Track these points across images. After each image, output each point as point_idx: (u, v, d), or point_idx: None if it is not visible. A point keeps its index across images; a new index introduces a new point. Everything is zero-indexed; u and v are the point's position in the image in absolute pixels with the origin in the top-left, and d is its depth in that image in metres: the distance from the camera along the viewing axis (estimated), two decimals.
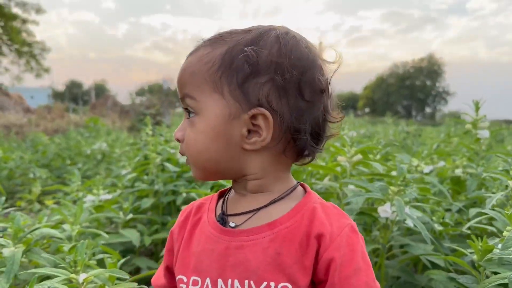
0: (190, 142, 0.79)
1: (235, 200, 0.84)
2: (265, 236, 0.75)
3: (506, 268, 1.09)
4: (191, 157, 0.81)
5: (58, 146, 6.49)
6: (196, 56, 0.78)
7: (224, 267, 0.76)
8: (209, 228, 0.81)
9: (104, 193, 2.47)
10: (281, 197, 0.80)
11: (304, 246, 0.74)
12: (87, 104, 30.21)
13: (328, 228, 0.74)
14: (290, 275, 0.73)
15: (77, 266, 1.13)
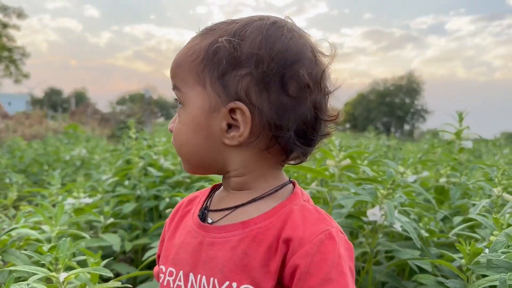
0: (175, 133, 0.80)
1: (220, 197, 0.83)
2: (236, 234, 0.73)
3: (495, 271, 1.09)
4: (176, 149, 0.82)
5: (35, 151, 6.34)
6: (186, 48, 0.79)
7: (196, 262, 0.76)
8: (190, 222, 0.82)
9: (85, 197, 2.41)
10: (262, 196, 0.77)
11: (273, 250, 0.70)
12: (66, 112, 29.73)
13: (299, 233, 0.69)
14: (254, 277, 0.70)
15: (58, 264, 1.08)
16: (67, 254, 1.12)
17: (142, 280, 2.17)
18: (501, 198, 1.56)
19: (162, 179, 2.70)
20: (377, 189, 1.41)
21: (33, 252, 1.17)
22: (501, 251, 1.01)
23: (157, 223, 2.29)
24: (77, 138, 9.17)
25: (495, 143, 7.76)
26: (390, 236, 1.74)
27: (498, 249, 1.08)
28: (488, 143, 9.01)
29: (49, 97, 66.10)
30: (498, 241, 1.10)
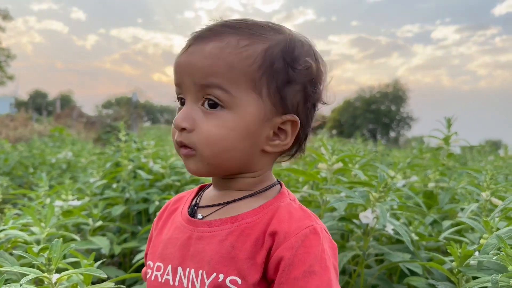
0: (212, 136, 0.74)
1: (211, 195, 0.86)
2: (225, 229, 0.76)
3: (485, 272, 1.11)
4: (207, 151, 0.75)
5: (20, 154, 6.25)
6: (227, 44, 0.74)
7: (185, 256, 0.78)
8: (179, 218, 0.84)
9: (73, 199, 2.38)
10: (253, 194, 0.81)
11: (260, 243, 0.73)
12: (51, 115, 29.37)
13: (284, 227, 0.73)
14: (241, 269, 0.72)
15: (51, 265, 1.07)
16: (60, 255, 1.10)
17: (130, 284, 2.15)
18: (489, 202, 1.59)
19: (151, 182, 2.68)
20: (369, 192, 1.42)
21: (25, 253, 1.15)
22: (492, 253, 1.03)
23: (146, 226, 2.27)
24: (63, 141, 9.07)
25: (480, 151, 7.89)
26: (380, 240, 1.75)
27: (489, 251, 1.10)
28: (473, 150, 9.16)
29: (34, 100, 65.22)
30: (489, 243, 1.12)
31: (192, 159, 0.77)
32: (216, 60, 0.73)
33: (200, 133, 0.74)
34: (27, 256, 1.11)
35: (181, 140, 0.76)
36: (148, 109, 65.35)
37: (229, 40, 0.74)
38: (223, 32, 0.76)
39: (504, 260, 0.97)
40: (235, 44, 0.74)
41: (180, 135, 0.76)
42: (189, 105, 0.76)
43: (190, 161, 0.77)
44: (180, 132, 0.76)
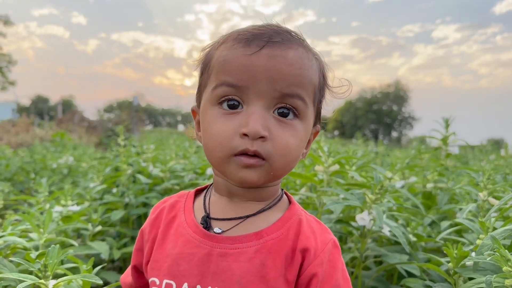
0: (290, 146, 0.73)
1: (220, 204, 0.81)
2: (251, 246, 0.74)
3: (481, 273, 1.11)
4: (280, 162, 0.72)
5: (22, 159, 6.27)
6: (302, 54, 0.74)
7: (204, 273, 0.74)
8: (189, 230, 0.79)
9: (72, 204, 2.38)
10: (269, 207, 0.80)
11: (289, 260, 0.73)
12: (53, 120, 29.44)
13: (313, 243, 0.75)
14: (274, 287, 0.71)
15: (47, 271, 1.07)
16: (56, 261, 1.11)
17: None
18: (487, 203, 1.59)
19: (151, 186, 2.68)
20: (365, 194, 1.42)
21: (21, 260, 1.16)
22: (487, 254, 1.03)
23: None
24: (64, 146, 9.09)
25: (481, 150, 7.88)
26: (379, 241, 1.75)
27: (484, 252, 1.10)
28: (474, 150, 9.14)
29: (35, 105, 65.40)
30: (484, 244, 1.12)
31: (257, 169, 0.72)
32: (303, 71, 0.73)
33: (278, 143, 0.71)
34: (24, 263, 1.11)
35: (257, 149, 0.70)
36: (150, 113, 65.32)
37: (300, 49, 0.74)
38: (291, 39, 0.74)
39: (499, 261, 0.97)
40: (306, 55, 0.75)
41: (256, 143, 0.70)
42: (259, 110, 0.71)
43: (254, 171, 0.72)
44: (255, 140, 0.70)
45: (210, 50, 0.80)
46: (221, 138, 0.71)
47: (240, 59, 0.71)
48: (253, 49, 0.71)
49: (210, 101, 0.75)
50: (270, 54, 0.70)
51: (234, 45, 0.73)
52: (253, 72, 0.70)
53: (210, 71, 0.77)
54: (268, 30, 0.73)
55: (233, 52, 0.72)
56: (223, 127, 0.72)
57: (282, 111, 0.72)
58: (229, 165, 0.72)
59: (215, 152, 0.73)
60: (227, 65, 0.72)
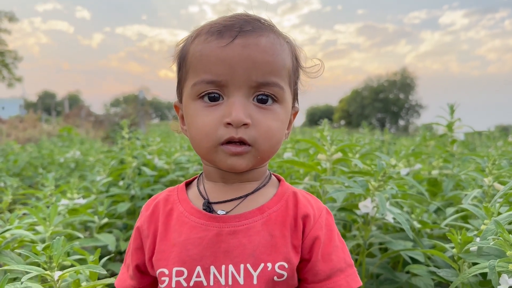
0: (272, 129, 0.77)
1: (217, 189, 0.84)
2: (257, 220, 0.79)
3: (485, 258, 1.11)
4: (265, 146, 0.76)
5: (30, 154, 6.32)
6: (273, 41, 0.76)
7: (216, 254, 0.77)
8: (192, 218, 0.81)
9: (78, 197, 2.40)
10: (263, 184, 0.85)
11: (293, 227, 0.79)
12: (60, 115, 29.61)
13: (311, 210, 0.82)
14: (285, 254, 0.77)
15: (52, 262, 1.08)
16: (61, 252, 1.12)
17: None
18: (492, 188, 1.58)
19: (156, 179, 2.70)
20: (368, 181, 1.42)
21: (27, 252, 1.17)
22: (490, 239, 1.02)
23: None
24: (71, 140, 9.14)
25: (489, 136, 7.81)
26: (384, 229, 1.75)
27: (488, 237, 1.09)
28: (482, 136, 9.06)
29: (42, 101, 65.81)
30: (488, 229, 1.11)
31: (244, 156, 0.76)
32: (275, 57, 0.76)
33: (261, 128, 0.75)
34: (30, 255, 1.13)
35: (242, 136, 0.73)
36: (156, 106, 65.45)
37: (271, 36, 0.77)
38: (261, 27, 0.77)
39: (502, 245, 0.97)
40: (278, 41, 0.78)
41: (240, 131, 0.73)
42: (240, 99, 0.74)
43: (242, 158, 0.76)
44: (239, 128, 0.73)
45: (185, 45, 0.82)
46: (206, 129, 0.75)
47: (216, 52, 0.73)
48: (226, 40, 0.73)
49: (191, 96, 0.78)
50: (243, 43, 0.73)
51: (207, 38, 0.75)
52: (229, 64, 0.73)
53: (188, 67, 0.79)
54: (238, 20, 0.76)
55: (208, 46, 0.75)
56: (207, 119, 0.75)
57: (261, 98, 0.76)
58: (217, 154, 0.76)
59: (202, 143, 0.77)
60: (204, 60, 0.75)
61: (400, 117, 77.41)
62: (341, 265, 0.82)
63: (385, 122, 77.44)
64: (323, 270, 0.80)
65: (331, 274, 0.80)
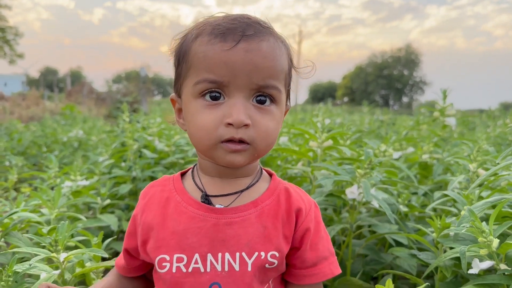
0: (270, 129, 0.81)
1: (214, 184, 0.90)
2: (252, 213, 0.85)
3: (461, 243, 1.18)
4: (263, 144, 0.81)
5: (33, 133, 6.40)
6: (273, 45, 0.80)
7: (213, 242, 0.83)
8: (190, 208, 0.87)
9: (82, 179, 2.48)
10: (257, 180, 0.92)
11: (285, 220, 0.87)
12: (62, 92, 29.63)
13: (302, 204, 0.89)
14: (277, 244, 0.85)
15: (57, 245, 1.17)
16: (66, 236, 1.20)
17: None
18: (476, 174, 1.64)
19: (156, 161, 2.77)
20: (358, 167, 1.49)
21: (33, 235, 1.26)
22: (463, 226, 1.09)
23: None
24: (74, 119, 9.22)
25: (489, 115, 7.82)
26: (374, 211, 1.82)
27: (465, 223, 1.17)
28: (483, 115, 9.06)
29: (44, 77, 65.60)
30: (464, 216, 1.18)
31: (243, 153, 0.80)
32: (275, 62, 0.80)
33: (259, 128, 0.79)
34: (36, 238, 1.21)
35: (242, 136, 0.77)
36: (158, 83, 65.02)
37: (271, 40, 0.80)
38: (262, 31, 0.80)
39: (474, 232, 1.04)
40: (277, 45, 0.82)
41: (240, 131, 0.77)
42: (241, 101, 0.78)
43: (240, 155, 0.80)
44: (239, 128, 0.77)
45: (185, 42, 0.84)
46: (207, 128, 0.78)
47: (219, 55, 0.76)
48: (230, 44, 0.76)
49: (193, 94, 0.81)
50: (246, 48, 0.76)
51: (211, 40, 0.78)
52: (232, 67, 0.76)
53: (189, 65, 0.82)
54: (240, 23, 0.78)
55: (212, 48, 0.77)
56: (208, 118, 0.78)
57: (260, 99, 0.80)
58: (217, 151, 0.80)
59: (203, 141, 0.80)
60: (207, 61, 0.78)
61: (404, 94, 76.93)
62: (325, 254, 0.91)
63: (389, 99, 77.00)
64: (310, 258, 0.89)
65: (317, 262, 0.90)
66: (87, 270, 1.22)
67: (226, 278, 0.82)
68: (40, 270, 1.15)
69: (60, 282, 1.20)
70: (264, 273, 0.85)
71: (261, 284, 0.86)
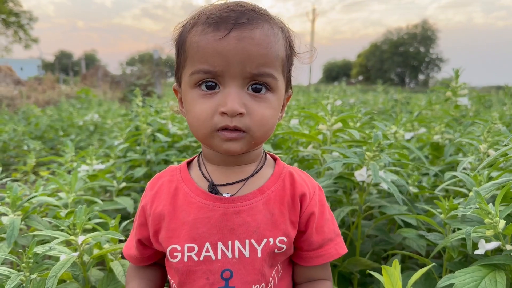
0: (266, 117, 0.81)
1: (219, 172, 0.92)
2: (258, 200, 0.88)
3: (468, 224, 1.20)
4: (259, 132, 0.81)
5: (50, 118, 6.52)
6: (268, 32, 0.79)
7: (223, 231, 0.86)
8: (198, 198, 0.89)
9: (98, 163, 2.54)
10: (261, 166, 0.94)
11: (290, 205, 0.89)
12: (77, 75, 29.85)
13: (306, 189, 0.91)
14: (284, 229, 0.88)
15: (76, 229, 1.22)
16: (84, 220, 1.25)
17: None
18: (487, 155, 1.64)
19: (170, 144, 2.81)
20: (368, 150, 1.50)
21: (52, 219, 1.31)
22: (469, 207, 1.10)
23: None
24: (90, 102, 9.32)
25: (506, 93, 7.68)
26: (384, 192, 1.84)
27: (472, 205, 1.18)
28: (499, 92, 8.89)
29: (59, 61, 66.10)
30: (471, 197, 1.20)
31: (239, 141, 0.80)
32: (269, 50, 0.78)
33: (254, 116, 0.79)
34: (57, 223, 1.26)
35: (237, 125, 0.78)
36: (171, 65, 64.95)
37: (266, 27, 0.80)
38: (256, 18, 0.79)
39: (480, 214, 1.05)
40: (272, 31, 0.80)
41: (235, 120, 0.78)
42: (235, 90, 0.78)
43: (236, 143, 0.81)
44: (234, 117, 0.78)
45: (183, 31, 0.85)
46: (203, 117, 0.80)
47: (212, 45, 0.77)
48: (222, 33, 0.76)
49: (189, 84, 0.82)
50: (238, 36, 0.76)
51: (204, 29, 0.78)
52: (225, 56, 0.76)
53: (186, 55, 0.83)
54: (234, 11, 0.78)
55: (205, 38, 0.78)
56: (204, 107, 0.80)
57: (255, 87, 0.80)
58: (214, 139, 0.81)
59: (200, 129, 0.82)
60: (200, 51, 0.78)
61: (420, 71, 75.66)
62: (331, 235, 0.94)
63: (405, 77, 75.85)
64: (316, 241, 0.92)
65: (323, 244, 0.93)
66: (104, 252, 1.27)
67: (237, 265, 0.85)
68: (59, 252, 1.21)
69: (79, 264, 1.26)
70: (273, 258, 0.89)
71: (271, 268, 0.89)
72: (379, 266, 1.44)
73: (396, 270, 0.80)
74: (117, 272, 1.24)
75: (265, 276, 0.87)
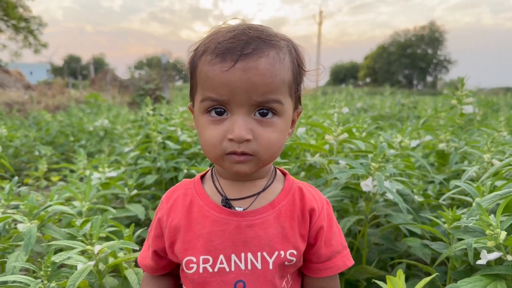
0: (272, 141, 0.84)
1: (232, 187, 0.96)
2: (270, 214, 0.93)
3: (470, 235, 1.23)
4: (266, 155, 0.85)
5: (60, 123, 6.60)
6: (273, 60, 0.82)
7: (236, 243, 0.91)
8: (212, 212, 0.93)
9: (109, 171, 2.60)
10: (272, 181, 0.98)
11: (300, 219, 0.94)
12: (86, 79, 30.14)
13: (315, 203, 0.96)
14: (294, 243, 0.93)
15: (92, 239, 1.27)
16: (99, 230, 1.30)
17: None
18: (490, 165, 1.67)
19: (179, 151, 2.87)
20: (373, 160, 1.54)
21: (68, 229, 1.37)
22: (471, 219, 1.14)
23: None
24: (99, 107, 9.43)
25: None
26: (390, 201, 1.87)
27: (474, 216, 1.21)
28: (507, 95, 8.86)
29: (68, 65, 66.65)
30: (473, 208, 1.23)
31: (247, 163, 0.85)
32: (274, 78, 0.81)
33: (261, 141, 0.83)
34: (73, 232, 1.32)
35: (244, 150, 0.82)
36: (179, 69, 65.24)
37: (272, 54, 0.83)
38: (262, 47, 0.82)
39: (482, 225, 1.09)
40: (278, 58, 0.83)
41: (242, 145, 0.82)
42: (242, 117, 0.82)
43: (245, 165, 0.85)
44: (241, 143, 0.82)
45: (195, 56, 0.89)
46: (213, 142, 0.84)
47: (219, 76, 0.81)
48: (228, 64, 0.80)
49: (200, 110, 0.87)
50: (244, 67, 0.79)
51: (212, 60, 0.82)
52: (231, 87, 0.80)
53: (196, 81, 0.88)
54: (239, 41, 0.81)
55: (212, 69, 0.82)
56: (213, 133, 0.84)
57: (262, 112, 0.83)
58: (224, 162, 0.86)
59: (210, 153, 0.87)
60: (209, 81, 0.83)
61: (428, 73, 75.28)
62: (338, 248, 0.99)
63: (412, 79, 75.52)
64: (325, 253, 0.97)
65: (331, 256, 0.98)
66: (119, 260, 1.32)
67: (250, 276, 0.90)
68: (76, 261, 1.26)
69: (95, 272, 1.31)
70: (283, 269, 0.93)
71: (281, 279, 0.94)
72: (385, 274, 1.48)
73: (400, 280, 0.83)
74: (131, 280, 1.29)
75: (276, 287, 0.92)
